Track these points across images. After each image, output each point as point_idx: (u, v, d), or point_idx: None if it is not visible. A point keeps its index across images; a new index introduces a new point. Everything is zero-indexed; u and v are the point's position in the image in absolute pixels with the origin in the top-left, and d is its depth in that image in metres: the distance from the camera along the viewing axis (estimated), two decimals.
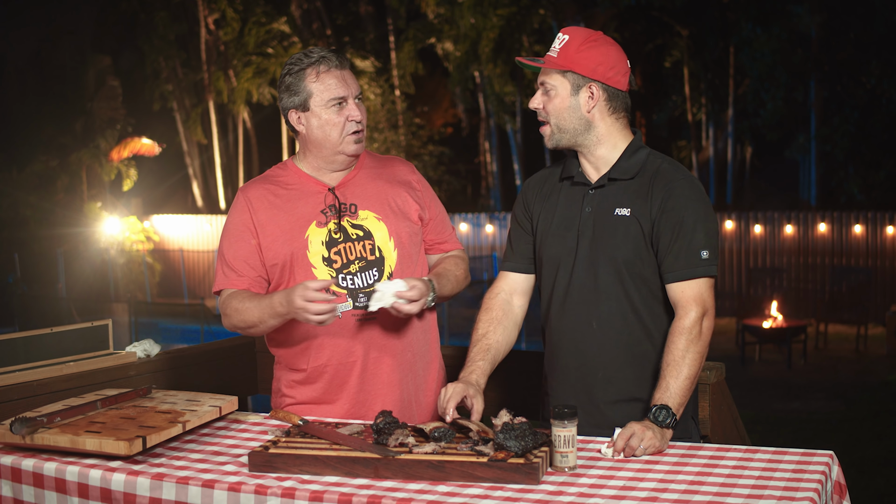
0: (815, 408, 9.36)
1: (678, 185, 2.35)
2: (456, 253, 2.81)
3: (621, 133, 2.42)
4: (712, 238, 2.33)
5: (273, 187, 2.65)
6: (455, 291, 2.72)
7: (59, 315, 16.87)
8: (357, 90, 2.61)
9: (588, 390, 2.41)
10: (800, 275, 15.52)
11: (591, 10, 19.59)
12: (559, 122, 2.39)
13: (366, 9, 25.22)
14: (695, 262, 2.30)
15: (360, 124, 2.60)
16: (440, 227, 2.78)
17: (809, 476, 1.95)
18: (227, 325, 2.67)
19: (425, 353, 2.70)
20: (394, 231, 2.63)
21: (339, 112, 2.57)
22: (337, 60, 2.59)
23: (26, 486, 2.22)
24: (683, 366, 2.24)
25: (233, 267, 2.61)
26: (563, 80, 2.37)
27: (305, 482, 2.03)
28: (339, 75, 2.58)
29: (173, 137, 25.55)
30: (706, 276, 2.31)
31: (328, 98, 2.56)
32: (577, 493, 1.92)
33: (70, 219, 22.19)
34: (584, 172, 2.45)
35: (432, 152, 24.08)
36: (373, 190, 2.66)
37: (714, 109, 21.59)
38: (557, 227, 2.45)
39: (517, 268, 2.58)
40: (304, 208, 2.61)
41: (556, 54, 2.38)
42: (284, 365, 2.69)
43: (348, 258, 2.59)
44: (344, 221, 2.61)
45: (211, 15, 24.60)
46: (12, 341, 2.79)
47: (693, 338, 2.26)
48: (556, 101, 2.38)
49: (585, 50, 2.35)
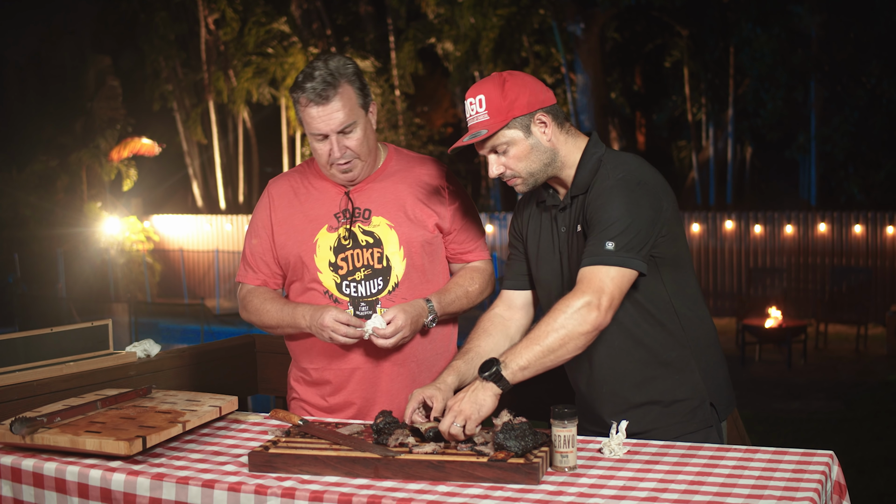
0: (815, 408, 9.36)
1: (605, 191, 2.29)
2: (477, 265, 2.74)
3: (575, 145, 2.39)
4: (629, 232, 2.21)
5: (297, 184, 2.66)
6: (466, 307, 2.68)
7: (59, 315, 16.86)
8: (341, 123, 2.47)
9: (601, 405, 2.42)
10: (800, 275, 15.51)
11: (591, 10, 19.56)
12: (529, 167, 2.34)
13: (366, 9, 25.22)
14: (598, 251, 2.21)
15: (342, 158, 2.51)
16: (464, 237, 2.71)
17: (809, 476, 1.95)
18: (244, 316, 2.74)
19: (433, 364, 2.67)
20: (405, 240, 2.59)
21: (323, 144, 2.52)
22: (320, 93, 2.45)
23: (26, 486, 2.22)
24: (547, 339, 2.16)
25: (250, 263, 2.69)
26: (511, 132, 2.31)
27: (305, 482, 2.03)
28: (318, 112, 2.46)
29: (173, 137, 25.54)
30: (611, 265, 2.20)
31: (311, 131, 2.52)
32: (577, 493, 1.92)
33: (70, 219, 22.19)
34: (557, 193, 2.45)
35: (432, 152, 24.08)
36: (391, 195, 2.62)
37: (714, 109, 21.58)
38: (543, 250, 2.47)
39: (514, 286, 2.58)
40: (319, 210, 2.61)
41: (487, 117, 2.30)
42: (294, 360, 2.74)
43: (354, 265, 2.58)
44: (355, 227, 2.59)
45: (211, 15, 24.60)
46: (12, 341, 2.79)
47: (571, 316, 2.15)
48: (515, 152, 2.32)
49: (509, 93, 2.29)
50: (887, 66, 17.73)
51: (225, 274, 20.64)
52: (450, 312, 2.63)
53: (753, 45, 18.91)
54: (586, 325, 2.16)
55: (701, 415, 2.38)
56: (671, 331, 2.37)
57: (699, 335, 2.41)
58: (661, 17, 21.33)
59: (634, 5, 19.70)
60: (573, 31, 19.88)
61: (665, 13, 20.77)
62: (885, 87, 17.72)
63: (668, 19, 21.25)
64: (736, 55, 20.44)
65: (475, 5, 20.43)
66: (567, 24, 20.02)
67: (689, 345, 2.39)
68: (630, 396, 2.38)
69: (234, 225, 21.32)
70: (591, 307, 2.16)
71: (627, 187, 2.27)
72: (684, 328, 2.38)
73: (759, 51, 18.79)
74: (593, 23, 19.69)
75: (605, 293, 2.18)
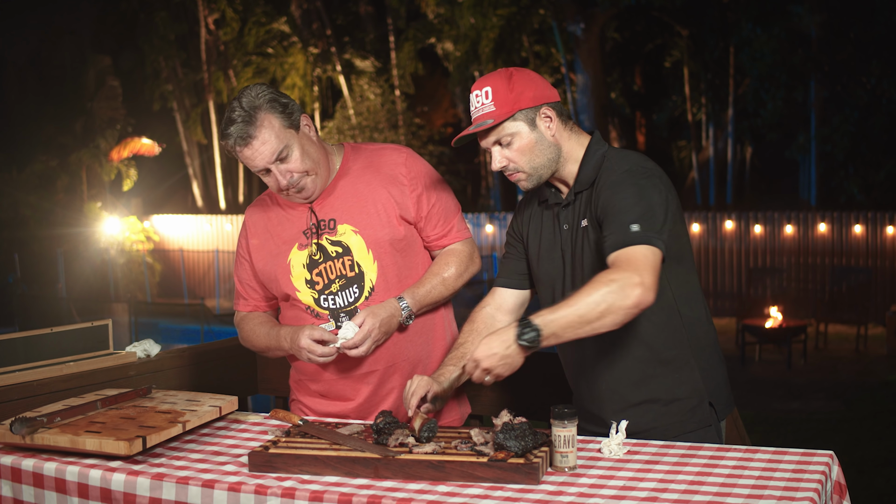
0: (815, 408, 9.36)
1: (610, 185, 2.29)
2: (452, 247, 2.67)
3: (578, 142, 2.40)
4: (647, 216, 2.20)
5: (268, 207, 2.69)
6: (446, 294, 2.64)
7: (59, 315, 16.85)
8: (273, 152, 2.43)
9: (599, 403, 2.42)
10: (800, 275, 15.51)
11: (591, 10, 19.57)
12: (532, 161, 2.34)
13: (366, 9, 25.22)
14: (624, 233, 2.18)
15: (291, 184, 2.49)
16: (437, 221, 2.64)
17: (809, 476, 1.95)
18: (241, 342, 2.82)
19: (425, 358, 2.66)
20: (371, 242, 2.56)
21: (269, 177, 2.51)
22: (241, 136, 2.42)
23: (26, 486, 2.22)
24: (583, 305, 2.10)
25: (239, 290, 2.77)
26: (516, 123, 2.31)
27: (305, 482, 2.03)
28: (249, 152, 2.44)
29: (173, 137, 25.55)
30: (641, 244, 2.17)
31: (252, 170, 2.51)
32: (577, 493, 1.92)
33: (70, 219, 22.19)
34: (559, 191, 2.45)
35: (432, 152, 24.09)
36: (353, 198, 2.59)
37: (714, 109, 21.59)
38: (545, 248, 2.47)
39: (506, 283, 2.58)
40: (289, 231, 2.62)
41: (493, 108, 2.30)
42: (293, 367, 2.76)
43: (329, 278, 2.58)
44: (323, 240, 2.58)
45: (211, 15, 24.60)
46: (12, 341, 2.79)
47: (614, 290, 2.09)
48: (519, 145, 2.32)
49: (516, 86, 2.31)
50: (887, 66, 17.73)
51: (225, 274, 20.64)
52: (428, 304, 2.60)
53: (753, 45, 18.91)
54: (629, 300, 2.09)
55: (700, 414, 2.37)
56: (672, 329, 2.36)
57: (700, 334, 2.41)
58: (661, 17, 21.33)
59: (634, 5, 19.70)
60: (573, 31, 19.89)
61: (665, 13, 20.77)
62: (885, 87, 17.71)
63: (668, 19, 21.25)
64: (736, 55, 20.45)
65: (475, 5, 20.44)
66: (567, 24, 20.02)
67: (690, 343, 2.38)
68: (629, 394, 2.38)
69: (234, 225, 21.32)
70: (633, 283, 2.10)
71: (636, 177, 2.27)
72: (685, 326, 2.38)
73: (759, 51, 18.79)
74: (593, 23, 19.69)
75: (646, 270, 2.12)
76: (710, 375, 2.41)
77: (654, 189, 2.26)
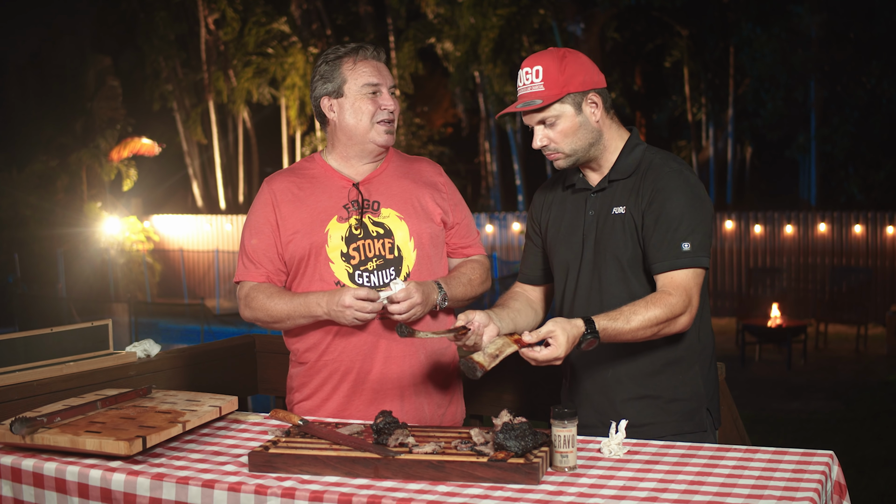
0: (815, 408, 9.36)
1: (664, 177, 2.34)
2: (477, 258, 2.79)
3: (618, 132, 2.44)
4: (698, 231, 2.29)
5: (298, 180, 2.66)
6: (470, 295, 2.70)
7: (59, 315, 16.84)
8: (392, 82, 2.64)
9: (603, 390, 2.43)
10: (800, 275, 15.51)
11: (591, 10, 19.56)
12: (573, 145, 2.37)
13: (366, 9, 25.20)
14: (677, 253, 2.28)
15: (391, 114, 2.62)
16: (464, 232, 2.77)
17: (809, 476, 1.95)
18: (246, 315, 2.68)
19: (441, 355, 2.68)
20: (415, 231, 2.62)
21: (372, 100, 2.59)
22: (374, 51, 2.63)
23: (26, 486, 2.22)
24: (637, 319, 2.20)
25: (252, 259, 2.65)
26: (563, 106, 2.34)
27: (305, 482, 2.03)
28: (374, 65, 2.61)
29: (173, 137, 25.54)
30: (692, 268, 2.28)
31: (362, 83, 2.58)
32: (577, 493, 1.92)
33: (70, 219, 22.19)
34: (587, 178, 2.47)
35: (432, 152, 24.09)
36: (398, 188, 2.66)
37: (714, 109, 21.59)
38: (565, 233, 2.48)
39: (526, 279, 2.65)
40: (326, 202, 2.62)
41: (542, 88, 2.32)
42: (295, 360, 2.72)
43: (366, 255, 2.59)
44: (365, 218, 2.61)
45: (211, 15, 24.60)
46: (12, 341, 2.79)
47: (668, 313, 2.23)
48: (563, 127, 2.35)
49: (567, 68, 2.32)
50: (887, 66, 17.74)
51: (225, 274, 20.64)
52: (456, 297, 2.65)
53: (753, 45, 18.92)
54: (677, 326, 2.26)
55: (698, 418, 2.39)
56: (687, 331, 2.37)
57: (705, 341, 2.44)
58: (660, 16, 21.33)
59: (634, 5, 19.71)
60: (573, 31, 19.88)
61: (665, 13, 20.77)
62: (885, 87, 17.72)
63: (667, 19, 21.25)
64: (736, 55, 20.45)
65: (475, 5, 20.42)
66: (567, 24, 20.02)
67: (697, 348, 2.40)
68: (634, 387, 2.39)
69: (234, 225, 21.32)
70: (684, 311, 2.25)
71: (688, 182, 2.34)
72: (696, 330, 2.39)
73: (759, 51, 18.80)
74: (593, 23, 19.69)
75: (696, 296, 2.27)
76: (709, 383, 2.43)
77: (703, 196, 2.35)
